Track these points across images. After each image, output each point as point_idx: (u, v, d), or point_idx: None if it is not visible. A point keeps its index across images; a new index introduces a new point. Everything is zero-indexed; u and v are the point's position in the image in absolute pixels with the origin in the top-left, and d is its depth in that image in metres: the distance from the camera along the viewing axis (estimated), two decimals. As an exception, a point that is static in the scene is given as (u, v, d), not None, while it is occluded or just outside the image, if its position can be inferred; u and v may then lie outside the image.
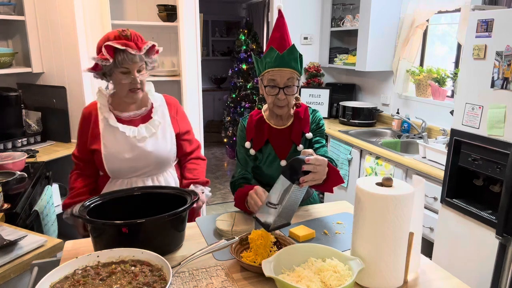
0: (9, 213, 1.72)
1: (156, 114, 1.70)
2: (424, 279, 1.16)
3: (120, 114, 1.66)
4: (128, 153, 1.62)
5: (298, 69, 1.52)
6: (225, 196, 4.56)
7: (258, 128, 1.64)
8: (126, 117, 1.67)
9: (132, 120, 1.67)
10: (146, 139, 1.64)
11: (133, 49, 1.52)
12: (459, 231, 2.12)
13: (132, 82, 1.57)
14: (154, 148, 1.65)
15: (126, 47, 1.51)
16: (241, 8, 7.28)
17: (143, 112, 1.70)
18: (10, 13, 2.72)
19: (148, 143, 1.65)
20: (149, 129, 1.66)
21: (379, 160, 2.88)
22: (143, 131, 1.65)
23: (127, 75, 1.56)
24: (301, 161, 1.20)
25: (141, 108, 1.70)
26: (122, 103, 1.68)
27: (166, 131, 1.72)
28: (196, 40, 3.10)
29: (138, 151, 1.63)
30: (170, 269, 1.00)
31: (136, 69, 1.57)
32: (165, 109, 1.76)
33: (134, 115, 1.68)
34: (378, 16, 3.46)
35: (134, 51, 1.52)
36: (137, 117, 1.69)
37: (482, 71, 1.94)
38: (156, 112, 1.71)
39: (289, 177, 1.20)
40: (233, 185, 1.67)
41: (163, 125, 1.71)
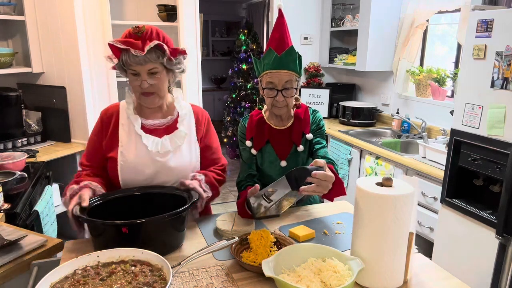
0: (9, 213, 1.72)
1: (182, 124, 1.52)
2: (424, 279, 1.16)
3: (143, 122, 1.50)
4: (147, 168, 1.46)
5: (296, 70, 1.51)
6: (225, 196, 4.56)
7: (259, 129, 1.64)
8: (150, 126, 1.50)
9: (155, 130, 1.50)
10: (169, 154, 1.47)
11: (136, 49, 1.34)
12: (459, 231, 2.12)
13: (141, 86, 1.40)
14: (177, 164, 1.48)
15: (129, 46, 1.34)
16: (241, 8, 7.28)
17: (168, 121, 1.53)
18: (10, 13, 2.72)
19: (171, 158, 1.48)
20: (173, 141, 1.49)
21: (379, 160, 2.88)
22: (167, 143, 1.47)
23: (136, 77, 1.40)
24: (308, 172, 1.21)
25: (167, 117, 1.53)
26: (145, 108, 1.52)
27: (191, 143, 1.54)
28: (196, 40, 3.10)
29: (159, 166, 1.47)
30: (170, 269, 1.00)
31: (147, 71, 1.38)
32: (192, 119, 1.57)
33: (159, 124, 1.51)
34: (378, 16, 3.46)
35: (137, 52, 1.34)
36: (161, 126, 1.52)
37: (482, 71, 1.94)
38: (182, 122, 1.53)
39: (291, 183, 1.22)
40: (239, 185, 1.67)
41: (189, 138, 1.53)
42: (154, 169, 1.46)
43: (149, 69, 1.38)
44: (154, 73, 1.40)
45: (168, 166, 1.47)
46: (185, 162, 1.50)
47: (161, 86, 1.44)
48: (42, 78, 2.92)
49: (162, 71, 1.42)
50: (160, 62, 1.39)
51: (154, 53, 1.37)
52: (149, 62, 1.37)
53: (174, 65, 1.44)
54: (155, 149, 1.46)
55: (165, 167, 1.47)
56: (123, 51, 1.37)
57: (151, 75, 1.40)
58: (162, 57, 1.39)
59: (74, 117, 2.86)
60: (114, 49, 1.38)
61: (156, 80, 1.41)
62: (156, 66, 1.39)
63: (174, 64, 1.44)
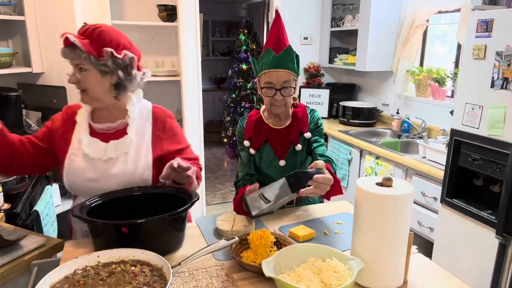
0: (9, 213, 1.72)
1: (132, 131, 1.43)
2: (424, 279, 1.16)
3: (94, 125, 1.45)
4: (89, 172, 1.39)
5: (294, 69, 1.52)
6: (225, 196, 4.56)
7: (257, 128, 1.65)
8: (99, 129, 1.44)
9: (105, 134, 1.44)
10: (112, 160, 1.40)
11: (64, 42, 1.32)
12: (459, 231, 2.12)
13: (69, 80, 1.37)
14: (120, 171, 1.40)
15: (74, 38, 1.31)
16: (241, 8, 7.28)
17: (118, 125, 1.45)
18: (10, 13, 2.72)
19: (114, 164, 1.40)
20: (118, 148, 1.41)
21: (379, 160, 2.88)
22: (111, 150, 1.40)
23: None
24: (309, 176, 1.23)
25: (116, 121, 1.45)
26: (96, 112, 1.47)
27: (140, 151, 1.43)
28: (196, 40, 3.10)
29: (101, 172, 1.40)
30: (170, 269, 1.00)
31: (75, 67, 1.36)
32: (147, 125, 1.47)
33: (107, 128, 1.44)
34: (378, 16, 3.46)
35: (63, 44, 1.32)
36: (110, 131, 1.44)
37: (482, 71, 1.94)
38: (132, 127, 1.44)
39: (291, 186, 1.23)
40: (237, 184, 1.67)
41: (139, 144, 1.44)
42: (96, 174, 1.40)
43: (76, 64, 1.35)
44: (82, 69, 1.35)
45: (111, 173, 1.40)
46: (130, 169, 1.41)
47: (89, 84, 1.36)
48: (42, 78, 2.92)
49: (92, 69, 1.34)
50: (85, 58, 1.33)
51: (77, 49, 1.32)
52: (75, 57, 1.33)
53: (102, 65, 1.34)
54: (96, 156, 1.39)
55: (107, 173, 1.40)
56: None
57: (81, 71, 1.35)
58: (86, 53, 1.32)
59: (74, 117, 2.85)
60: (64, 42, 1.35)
61: (83, 76, 1.35)
62: (81, 63, 1.34)
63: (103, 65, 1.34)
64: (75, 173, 1.40)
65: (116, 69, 1.36)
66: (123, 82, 1.40)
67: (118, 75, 1.37)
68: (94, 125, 1.45)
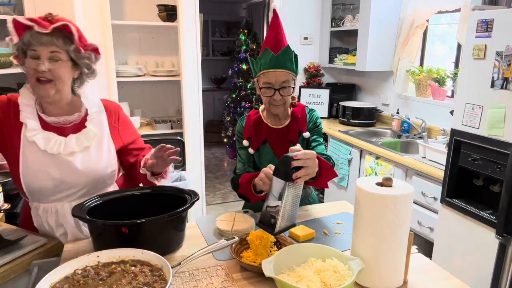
0: (9, 213, 1.72)
1: (91, 123, 1.40)
2: (424, 279, 1.16)
3: (46, 118, 1.37)
4: (52, 169, 1.33)
5: (293, 69, 1.52)
6: (225, 196, 4.56)
7: (256, 128, 1.65)
8: (54, 123, 1.37)
9: (61, 128, 1.38)
10: (75, 154, 1.35)
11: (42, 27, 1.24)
12: (459, 231, 2.12)
13: (37, 68, 1.26)
14: (85, 166, 1.36)
15: (34, 23, 1.23)
16: (241, 8, 7.28)
17: (75, 118, 1.40)
18: (10, 13, 2.72)
19: (77, 158, 1.35)
20: (80, 142, 1.37)
21: (379, 160, 2.88)
22: (72, 143, 1.35)
23: (35, 61, 1.27)
24: (290, 158, 1.19)
25: (73, 114, 1.40)
26: (46, 105, 1.38)
27: (102, 144, 1.42)
28: (196, 40, 3.10)
29: (65, 167, 1.34)
30: (170, 269, 1.00)
31: (48, 55, 1.27)
32: (103, 117, 1.45)
33: (64, 121, 1.38)
34: (378, 16, 3.46)
35: (41, 29, 1.23)
36: (68, 124, 1.39)
37: (482, 71, 1.94)
38: (91, 120, 1.40)
39: (282, 176, 1.19)
40: (234, 181, 1.66)
41: (100, 137, 1.42)
42: (60, 171, 1.34)
43: (51, 51, 1.27)
44: (56, 60, 1.29)
45: (75, 168, 1.35)
46: (93, 163, 1.38)
47: (61, 76, 1.30)
48: (42, 78, 2.92)
49: (66, 61, 1.31)
50: (65, 49, 1.30)
51: (61, 38, 1.29)
52: (53, 45, 1.27)
53: (82, 58, 1.34)
54: (56, 150, 1.32)
55: (71, 169, 1.34)
56: (26, 30, 1.26)
57: (52, 60, 1.28)
58: (69, 44, 1.30)
59: (74, 117, 2.85)
60: (17, 27, 1.26)
61: (56, 66, 1.28)
62: (59, 51, 1.29)
63: (82, 58, 1.34)
64: (35, 172, 1.32)
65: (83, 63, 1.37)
66: (85, 76, 1.41)
67: (83, 69, 1.38)
68: (47, 118, 1.37)
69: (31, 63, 1.27)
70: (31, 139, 1.32)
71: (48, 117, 1.38)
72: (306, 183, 1.37)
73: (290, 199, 1.22)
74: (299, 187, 1.24)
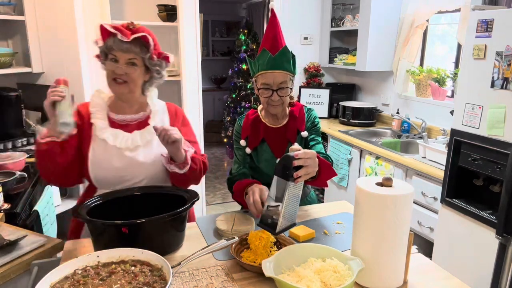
0: (9, 213, 1.72)
1: (154, 121, 1.55)
2: (424, 279, 1.16)
3: (114, 116, 1.54)
4: (116, 162, 1.47)
5: (291, 70, 1.53)
6: (225, 196, 4.56)
7: (254, 127, 1.65)
8: (121, 121, 1.53)
9: (127, 125, 1.53)
10: (138, 148, 1.49)
11: (124, 35, 1.39)
12: (459, 231, 2.12)
13: (115, 70, 1.43)
14: (146, 159, 1.49)
15: (118, 31, 1.39)
16: (241, 8, 7.27)
17: (140, 117, 1.56)
18: (10, 13, 2.72)
19: (140, 152, 1.49)
20: (144, 137, 1.50)
21: (379, 160, 2.88)
22: (137, 138, 1.50)
23: (115, 63, 1.43)
24: (291, 157, 1.20)
25: (139, 113, 1.57)
26: (118, 104, 1.55)
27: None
28: (196, 40, 3.10)
29: (127, 161, 1.47)
30: (170, 269, 1.00)
31: (126, 60, 1.43)
32: (165, 116, 1.60)
33: (130, 119, 1.54)
34: (378, 16, 3.46)
35: (123, 37, 1.39)
36: (133, 122, 1.55)
37: (482, 71, 1.94)
38: (154, 118, 1.55)
39: (283, 175, 1.20)
40: (230, 181, 1.67)
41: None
42: (123, 163, 1.47)
43: (129, 58, 1.43)
44: (133, 64, 1.44)
45: (137, 161, 1.48)
46: (155, 157, 1.50)
47: (135, 79, 1.47)
48: (42, 78, 2.92)
49: (141, 66, 1.47)
50: (141, 56, 1.45)
51: (139, 46, 1.43)
52: (132, 52, 1.42)
53: (154, 65, 1.49)
54: (124, 144, 1.47)
55: (133, 162, 1.48)
56: (110, 36, 1.42)
57: (129, 65, 1.44)
58: (145, 52, 1.45)
59: (74, 117, 2.85)
60: (103, 32, 1.43)
61: (132, 70, 1.44)
62: (136, 58, 1.44)
63: (154, 65, 1.49)
64: (101, 162, 1.47)
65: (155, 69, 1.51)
66: (154, 79, 1.55)
67: (153, 73, 1.53)
68: (115, 116, 1.53)
69: (111, 66, 1.44)
70: (101, 137, 1.47)
71: (116, 116, 1.54)
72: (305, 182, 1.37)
73: (291, 199, 1.22)
74: (299, 187, 1.24)
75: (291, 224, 1.27)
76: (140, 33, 1.42)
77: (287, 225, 1.26)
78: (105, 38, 1.44)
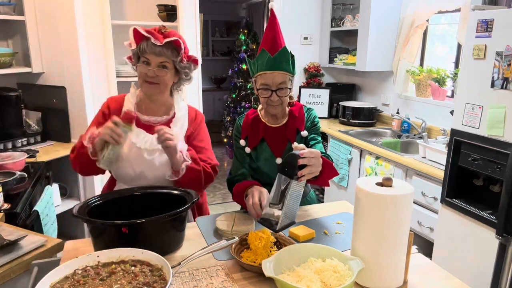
0: (9, 213, 1.72)
1: (175, 126, 1.59)
2: (424, 279, 1.16)
3: (140, 116, 1.58)
4: (135, 163, 1.53)
5: (290, 70, 1.53)
6: (225, 196, 4.56)
7: (254, 127, 1.65)
8: (145, 121, 1.58)
9: (150, 126, 1.57)
10: (155, 152, 1.53)
11: (157, 39, 1.45)
12: (459, 231, 2.12)
13: (148, 73, 1.48)
14: (162, 163, 1.53)
15: (151, 35, 1.44)
16: (241, 8, 7.27)
17: (163, 119, 1.60)
18: (10, 13, 2.72)
19: (156, 157, 1.53)
20: None
21: (379, 160, 2.88)
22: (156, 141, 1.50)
23: (146, 66, 1.49)
24: (296, 156, 1.22)
25: (163, 116, 1.61)
26: (145, 105, 1.60)
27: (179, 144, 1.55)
28: (196, 40, 3.10)
29: (145, 164, 1.53)
30: (170, 269, 1.00)
31: (158, 63, 1.48)
32: (185, 121, 1.64)
33: (154, 121, 1.59)
34: (378, 16, 3.46)
35: (156, 41, 1.44)
36: (156, 123, 1.58)
37: (482, 71, 1.94)
38: (176, 123, 1.60)
39: (287, 173, 1.22)
40: (230, 181, 1.67)
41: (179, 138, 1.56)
42: (141, 166, 1.54)
43: (160, 62, 1.48)
44: (164, 67, 1.50)
45: (153, 164, 1.54)
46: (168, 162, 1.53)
47: (166, 81, 1.52)
48: (42, 78, 2.92)
49: (172, 69, 1.52)
50: (172, 59, 1.50)
51: (170, 49, 1.48)
52: (163, 56, 1.48)
53: (183, 68, 1.55)
54: (144, 146, 1.53)
55: (150, 164, 1.54)
56: (143, 39, 1.47)
57: (160, 68, 1.49)
58: (176, 56, 1.50)
59: (74, 117, 2.85)
60: (136, 35, 1.48)
61: (164, 73, 1.50)
62: (168, 61, 1.49)
63: (184, 67, 1.55)
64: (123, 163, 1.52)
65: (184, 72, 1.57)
66: (182, 81, 1.61)
67: (182, 75, 1.58)
68: (140, 116, 1.58)
69: (143, 68, 1.49)
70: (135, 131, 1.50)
71: (141, 116, 1.59)
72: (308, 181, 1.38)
73: (293, 197, 1.24)
74: (301, 185, 1.27)
75: (291, 222, 1.30)
76: (172, 37, 1.47)
77: (288, 222, 1.28)
78: (138, 41, 1.49)
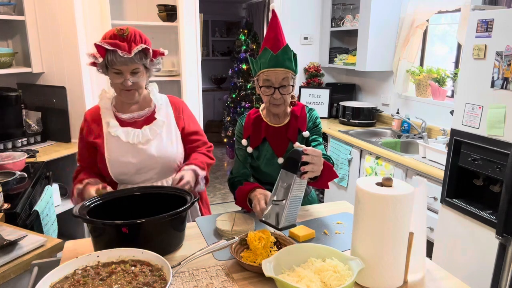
0: (9, 213, 1.72)
1: (159, 114, 1.63)
2: (424, 279, 1.16)
3: (122, 116, 1.61)
4: (132, 157, 1.56)
5: (292, 68, 1.53)
6: (225, 196, 4.56)
7: (255, 127, 1.66)
8: (129, 119, 1.61)
9: (135, 122, 1.61)
10: (150, 142, 1.58)
11: (124, 51, 1.44)
12: (459, 231, 2.12)
13: (123, 83, 1.50)
14: (158, 151, 1.58)
15: (116, 48, 1.43)
16: (241, 8, 7.28)
17: (146, 113, 1.64)
18: (10, 13, 2.72)
19: (152, 145, 1.58)
20: (153, 130, 1.59)
21: (379, 160, 2.88)
22: (147, 133, 1.58)
23: (119, 76, 1.49)
24: (300, 151, 1.26)
25: (144, 109, 1.64)
26: (124, 104, 1.62)
27: (171, 130, 1.65)
28: (196, 40, 3.10)
29: (143, 155, 1.57)
30: (170, 269, 1.00)
31: (130, 71, 1.49)
32: (169, 109, 1.68)
33: (137, 116, 1.62)
34: (378, 16, 3.46)
35: (124, 54, 1.43)
36: (140, 118, 1.62)
37: (482, 71, 1.94)
38: (159, 112, 1.64)
39: (291, 169, 1.25)
40: (231, 181, 1.68)
41: (168, 124, 1.64)
42: (139, 158, 1.57)
43: (132, 69, 1.49)
44: (136, 73, 1.52)
45: (151, 154, 1.57)
46: (166, 148, 1.60)
47: (141, 84, 1.56)
48: (42, 78, 2.93)
49: (143, 70, 1.55)
50: (142, 63, 1.52)
51: (139, 55, 1.48)
52: (134, 63, 1.48)
53: (154, 65, 1.58)
54: (136, 140, 1.57)
55: (148, 155, 1.57)
56: (108, 51, 1.45)
57: (133, 74, 1.51)
58: (145, 59, 1.52)
59: (74, 117, 2.85)
60: (100, 49, 1.46)
61: (137, 78, 1.52)
62: (139, 67, 1.51)
63: (154, 65, 1.58)
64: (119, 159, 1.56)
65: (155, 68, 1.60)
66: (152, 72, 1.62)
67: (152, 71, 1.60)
68: (123, 116, 1.61)
69: (116, 79, 1.51)
70: (115, 134, 1.56)
71: (123, 115, 1.61)
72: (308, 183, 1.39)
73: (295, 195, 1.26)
74: (303, 185, 1.28)
75: (292, 224, 1.31)
76: (141, 46, 1.46)
77: (290, 223, 1.29)
78: (103, 54, 1.47)
